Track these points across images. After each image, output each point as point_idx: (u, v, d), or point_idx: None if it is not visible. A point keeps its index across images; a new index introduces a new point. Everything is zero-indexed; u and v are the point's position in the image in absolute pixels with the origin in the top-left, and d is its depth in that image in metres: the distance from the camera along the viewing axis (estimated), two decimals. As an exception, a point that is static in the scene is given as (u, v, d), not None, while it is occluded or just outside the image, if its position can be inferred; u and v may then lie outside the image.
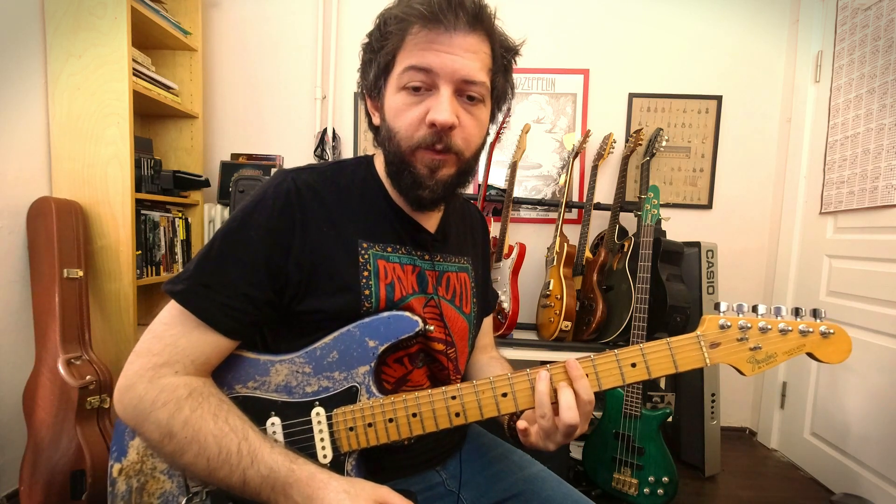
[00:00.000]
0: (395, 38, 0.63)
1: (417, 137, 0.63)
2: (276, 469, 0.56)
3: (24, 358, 1.50)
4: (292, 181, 0.66)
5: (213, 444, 0.56)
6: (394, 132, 0.65)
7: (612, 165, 2.25)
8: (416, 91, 0.63)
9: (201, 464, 0.56)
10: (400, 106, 0.64)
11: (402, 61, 0.63)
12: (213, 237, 0.63)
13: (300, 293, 0.64)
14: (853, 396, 1.73)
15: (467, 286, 0.81)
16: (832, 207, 1.88)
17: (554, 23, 2.24)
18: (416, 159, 0.65)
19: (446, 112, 0.61)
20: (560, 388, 0.59)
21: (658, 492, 1.53)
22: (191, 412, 0.57)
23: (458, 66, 0.62)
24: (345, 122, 2.30)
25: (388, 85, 0.66)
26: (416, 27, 0.62)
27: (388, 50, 0.64)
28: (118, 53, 1.61)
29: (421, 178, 0.65)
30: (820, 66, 2.01)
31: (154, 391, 0.57)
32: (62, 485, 1.37)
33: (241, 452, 0.56)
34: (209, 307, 0.60)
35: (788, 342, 0.59)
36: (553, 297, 1.90)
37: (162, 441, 0.57)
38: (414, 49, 0.62)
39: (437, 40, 0.61)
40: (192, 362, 0.60)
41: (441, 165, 0.65)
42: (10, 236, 1.50)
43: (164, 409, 0.56)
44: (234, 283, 0.61)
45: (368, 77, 0.68)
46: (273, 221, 0.63)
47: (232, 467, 0.55)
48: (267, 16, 2.26)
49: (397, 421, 0.61)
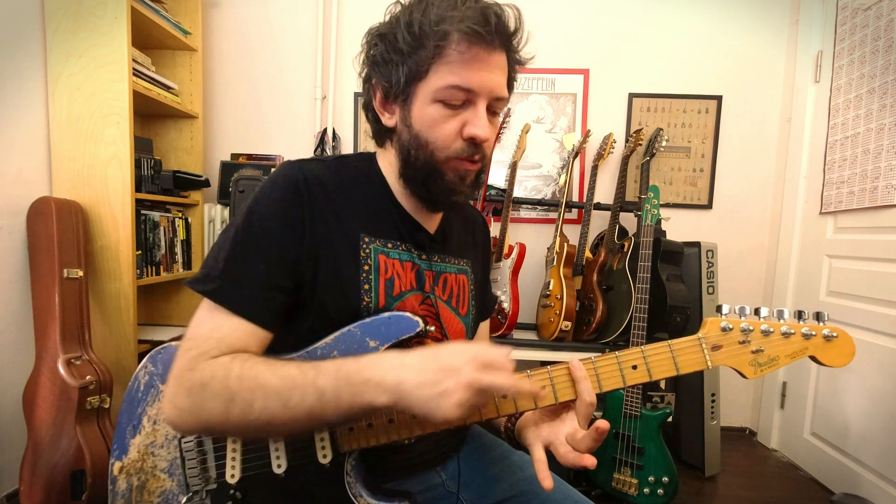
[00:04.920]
0: (434, 47, 0.62)
1: (454, 149, 0.65)
2: (342, 363, 0.54)
3: (24, 358, 1.50)
4: (300, 170, 0.66)
5: (274, 380, 0.54)
6: (428, 142, 0.66)
7: (612, 165, 2.25)
8: (453, 105, 0.64)
9: (273, 403, 0.53)
10: (437, 118, 0.65)
11: (443, 76, 0.62)
12: (230, 232, 0.63)
13: (309, 284, 0.65)
14: (853, 396, 1.73)
15: (465, 288, 0.81)
16: (832, 207, 1.88)
17: (554, 23, 2.24)
18: (449, 168, 0.67)
19: (486, 128, 0.65)
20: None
21: (658, 492, 1.53)
22: (241, 367, 0.55)
23: (493, 84, 0.64)
24: (345, 122, 2.30)
25: (418, 92, 0.65)
26: (457, 41, 0.61)
27: (423, 57, 0.62)
28: (118, 53, 1.60)
29: (454, 185, 0.68)
30: (820, 66, 2.01)
31: (198, 374, 0.56)
32: (62, 485, 1.37)
33: (303, 371, 0.55)
34: (243, 301, 0.60)
35: (791, 345, 0.59)
36: (553, 297, 1.90)
37: (228, 409, 0.54)
38: (456, 66, 0.62)
39: (479, 57, 0.62)
40: (229, 348, 0.58)
41: (470, 173, 0.69)
42: (10, 236, 1.50)
43: (215, 379, 0.55)
44: (264, 275, 0.61)
45: (390, 77, 0.66)
46: (286, 210, 0.63)
47: (303, 388, 0.53)
48: (267, 16, 2.26)
49: (397, 421, 0.61)
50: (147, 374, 0.67)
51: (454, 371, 0.50)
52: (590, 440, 0.56)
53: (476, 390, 0.50)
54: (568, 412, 0.61)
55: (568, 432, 0.59)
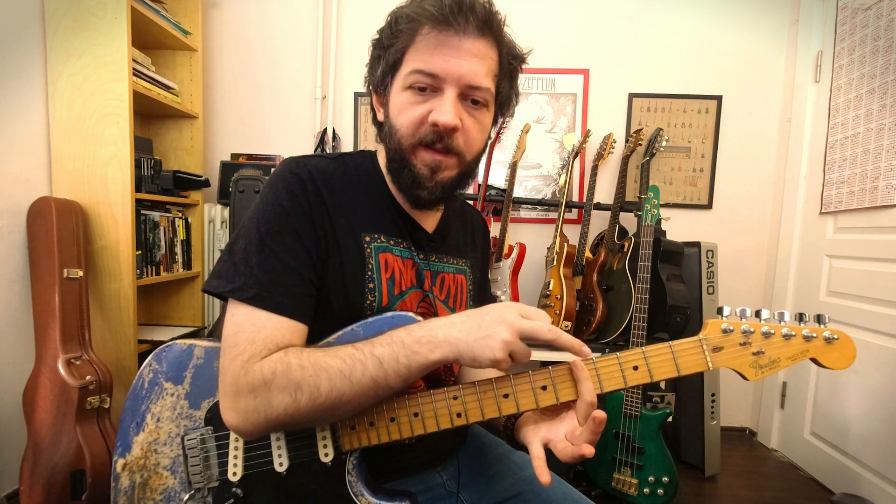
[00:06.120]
0: (405, 37, 0.64)
1: (419, 135, 0.65)
2: (392, 333, 0.58)
3: (24, 358, 1.50)
4: (304, 167, 0.66)
5: (334, 361, 0.56)
6: (396, 128, 0.66)
7: (612, 165, 2.25)
8: (421, 91, 0.64)
9: (339, 382, 0.55)
10: (404, 104, 0.65)
11: (410, 62, 0.64)
12: (251, 235, 0.62)
13: (321, 278, 0.65)
14: (853, 396, 1.73)
15: (463, 288, 0.81)
16: (832, 207, 1.89)
17: (554, 23, 2.24)
18: (417, 157, 0.66)
19: (449, 114, 0.63)
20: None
21: (658, 492, 1.53)
22: (298, 358, 0.57)
23: (464, 70, 0.63)
24: (345, 122, 2.30)
25: (394, 83, 0.67)
26: (427, 28, 0.62)
27: (397, 48, 0.64)
28: (118, 53, 1.60)
29: (421, 179, 0.66)
30: (820, 66, 2.01)
31: (257, 373, 0.56)
32: (62, 485, 1.37)
33: (357, 347, 0.57)
34: (282, 300, 0.60)
35: (792, 347, 0.59)
36: (553, 297, 1.90)
37: (296, 398, 0.55)
38: (423, 51, 0.63)
39: (447, 43, 0.62)
40: (276, 346, 0.59)
41: (442, 167, 0.66)
42: (10, 236, 1.50)
43: (277, 374, 0.56)
44: (295, 270, 0.62)
45: (376, 73, 0.69)
46: (299, 205, 0.64)
47: (363, 361, 0.56)
48: (267, 16, 2.26)
49: (399, 420, 0.61)
50: (151, 371, 0.67)
51: (498, 318, 0.56)
52: (588, 432, 0.56)
53: (518, 333, 0.55)
54: (568, 411, 0.61)
55: (567, 430, 0.59)
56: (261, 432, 0.59)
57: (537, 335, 0.56)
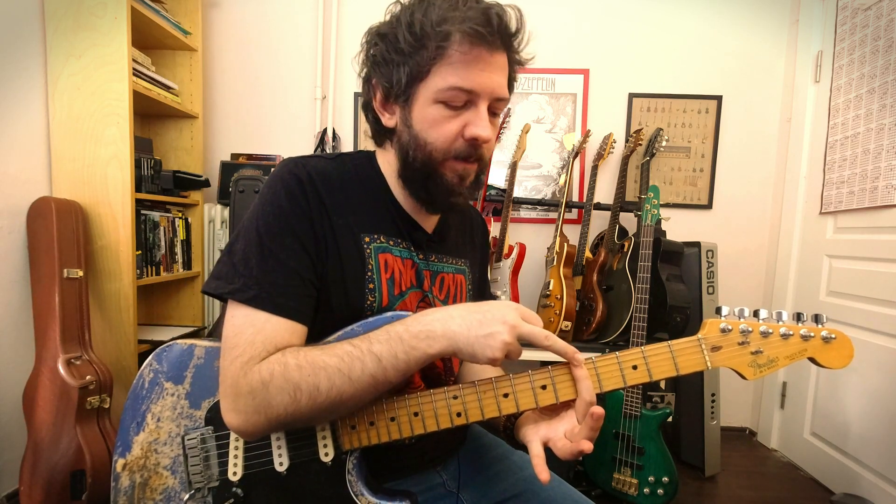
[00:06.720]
0: (435, 48, 0.62)
1: (454, 149, 0.66)
2: (388, 328, 0.58)
3: (24, 358, 1.50)
4: (303, 167, 0.66)
5: (332, 359, 0.56)
6: (427, 142, 0.66)
7: (612, 165, 2.25)
8: (454, 106, 0.64)
9: (338, 380, 0.56)
10: (437, 118, 0.65)
11: (445, 76, 0.63)
12: (251, 236, 0.62)
13: (321, 278, 0.65)
14: (853, 396, 1.73)
15: (463, 288, 0.81)
16: (832, 207, 1.89)
17: (554, 23, 2.24)
18: (447, 168, 0.67)
19: (488, 129, 0.65)
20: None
21: (658, 492, 1.53)
22: (296, 358, 0.57)
23: (494, 84, 0.64)
24: (345, 122, 2.30)
25: (419, 93, 0.65)
26: (459, 41, 0.61)
27: (424, 58, 0.63)
28: (118, 53, 1.61)
29: (453, 186, 0.68)
30: (820, 66, 2.02)
31: (255, 375, 0.56)
32: (62, 485, 1.37)
33: (354, 344, 0.58)
34: (282, 301, 0.60)
35: (790, 347, 0.59)
36: (553, 297, 1.90)
37: (296, 398, 0.56)
38: (459, 66, 0.62)
39: (481, 58, 0.62)
40: (275, 347, 0.59)
41: (468, 173, 0.69)
42: (10, 236, 1.50)
43: (275, 375, 0.56)
44: (294, 271, 0.62)
45: (391, 78, 0.66)
46: (298, 206, 0.64)
47: (361, 358, 0.57)
48: (267, 16, 2.26)
49: (399, 420, 0.61)
50: (152, 371, 0.67)
51: (500, 317, 0.57)
52: (587, 429, 0.57)
53: (518, 336, 0.56)
54: (567, 411, 0.61)
55: (567, 429, 0.60)
56: (262, 432, 0.59)
57: (534, 340, 0.57)
